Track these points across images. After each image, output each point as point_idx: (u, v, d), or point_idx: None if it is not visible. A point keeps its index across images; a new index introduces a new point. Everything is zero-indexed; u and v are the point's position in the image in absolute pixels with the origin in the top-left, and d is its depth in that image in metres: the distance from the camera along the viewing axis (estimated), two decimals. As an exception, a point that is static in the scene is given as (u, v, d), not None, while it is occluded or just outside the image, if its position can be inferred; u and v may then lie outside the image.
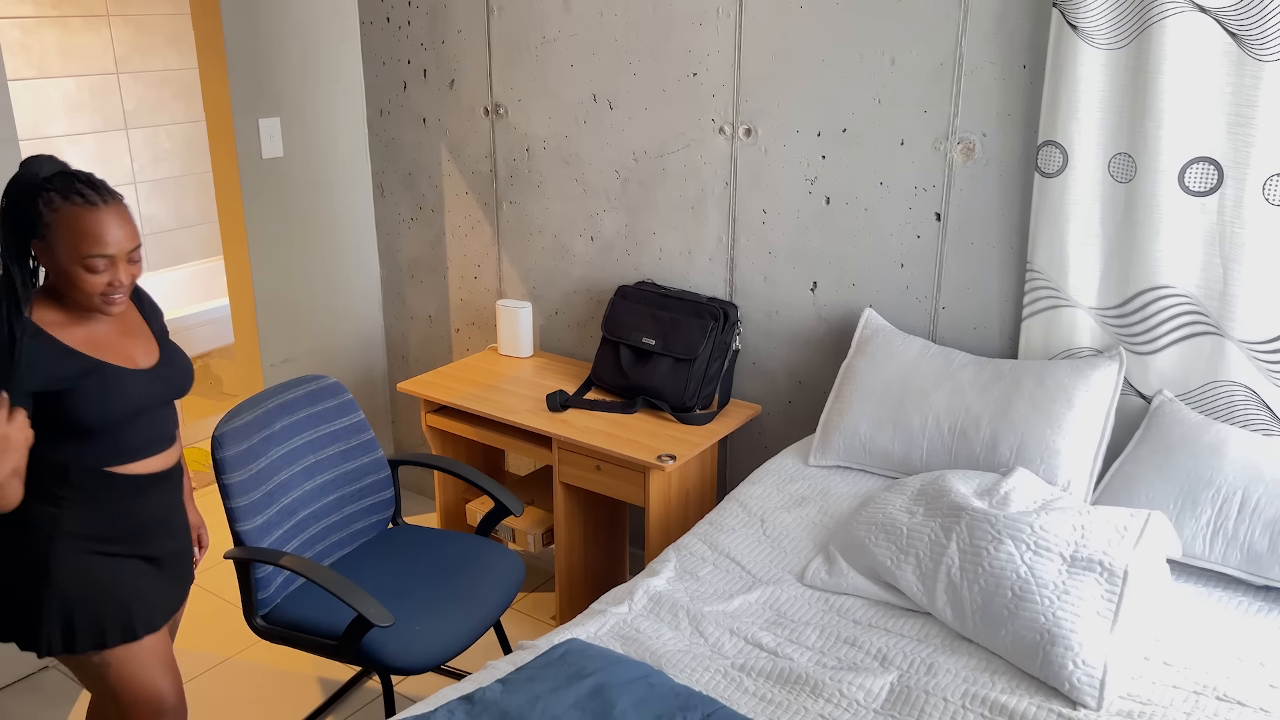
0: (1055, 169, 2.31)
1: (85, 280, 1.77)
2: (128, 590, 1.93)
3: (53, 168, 1.78)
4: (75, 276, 1.77)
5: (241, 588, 2.34)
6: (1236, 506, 2.04)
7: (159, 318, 2.06)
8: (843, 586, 2.07)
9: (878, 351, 2.57)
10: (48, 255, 1.78)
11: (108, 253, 1.77)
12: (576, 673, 1.66)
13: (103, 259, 1.77)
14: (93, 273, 1.77)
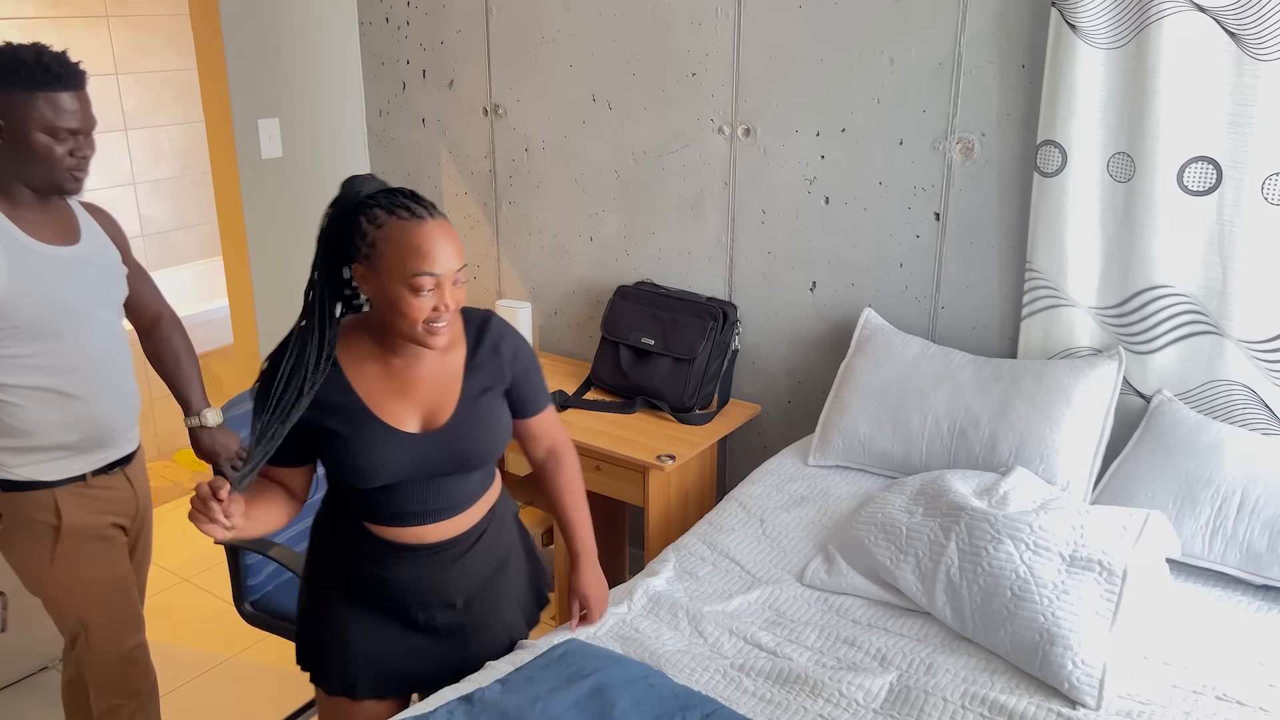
0: (1054, 168, 2.31)
1: (410, 305, 1.57)
2: (364, 646, 1.78)
3: (375, 185, 1.62)
4: (399, 300, 1.57)
5: (231, 574, 2.38)
6: (1236, 506, 2.04)
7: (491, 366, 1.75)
8: (842, 586, 2.07)
9: (877, 351, 2.57)
10: (370, 279, 1.59)
11: (435, 270, 1.56)
12: (576, 673, 1.66)
13: (429, 278, 1.56)
14: (417, 294, 1.57)
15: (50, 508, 1.96)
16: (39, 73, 1.77)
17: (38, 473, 1.93)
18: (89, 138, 1.85)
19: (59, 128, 1.80)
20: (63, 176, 1.84)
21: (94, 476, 2.01)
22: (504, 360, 1.76)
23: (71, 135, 1.82)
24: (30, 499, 1.94)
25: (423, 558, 1.75)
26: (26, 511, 1.94)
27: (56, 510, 1.96)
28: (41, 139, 1.79)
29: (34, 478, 1.93)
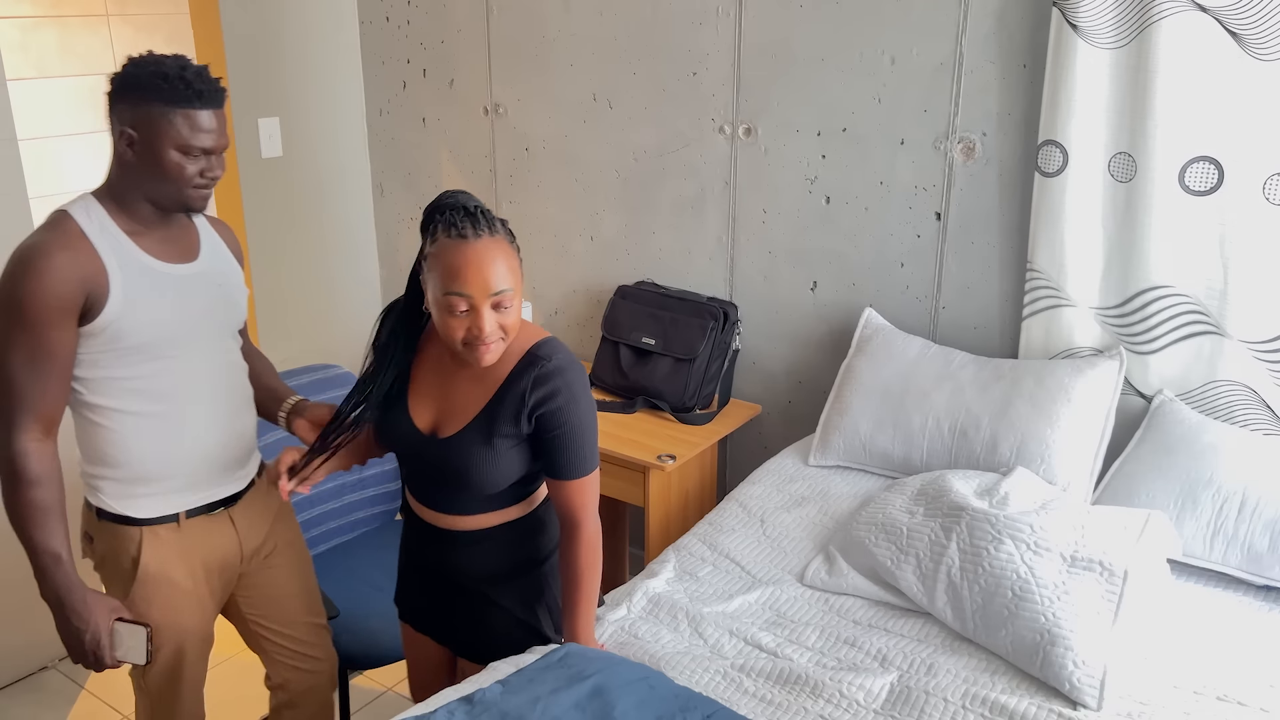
0: (1055, 168, 2.31)
1: (444, 323, 1.60)
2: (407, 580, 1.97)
3: (455, 201, 1.63)
4: (437, 316, 1.61)
5: None
6: (1237, 506, 2.04)
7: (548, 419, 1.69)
8: (843, 587, 2.06)
9: (878, 351, 2.56)
10: (426, 291, 1.65)
11: (465, 292, 1.56)
12: (576, 674, 1.66)
13: (460, 299, 1.57)
14: (451, 313, 1.58)
15: (134, 546, 1.83)
16: (181, 88, 1.67)
17: (127, 507, 1.82)
18: (220, 158, 1.76)
19: (193, 146, 1.70)
20: (189, 196, 1.74)
21: (189, 518, 1.86)
22: (526, 409, 1.68)
23: (205, 155, 1.72)
24: (118, 532, 1.83)
25: (426, 530, 1.85)
26: (112, 544, 1.84)
27: (139, 548, 1.83)
28: (174, 156, 1.69)
29: (123, 512, 1.82)
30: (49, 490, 1.72)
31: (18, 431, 1.68)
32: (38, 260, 1.64)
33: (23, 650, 2.88)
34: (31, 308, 1.63)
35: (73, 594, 1.77)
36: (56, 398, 1.70)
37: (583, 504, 1.75)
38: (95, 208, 1.73)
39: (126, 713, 2.77)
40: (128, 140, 1.69)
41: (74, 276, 1.66)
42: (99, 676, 2.91)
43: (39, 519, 1.72)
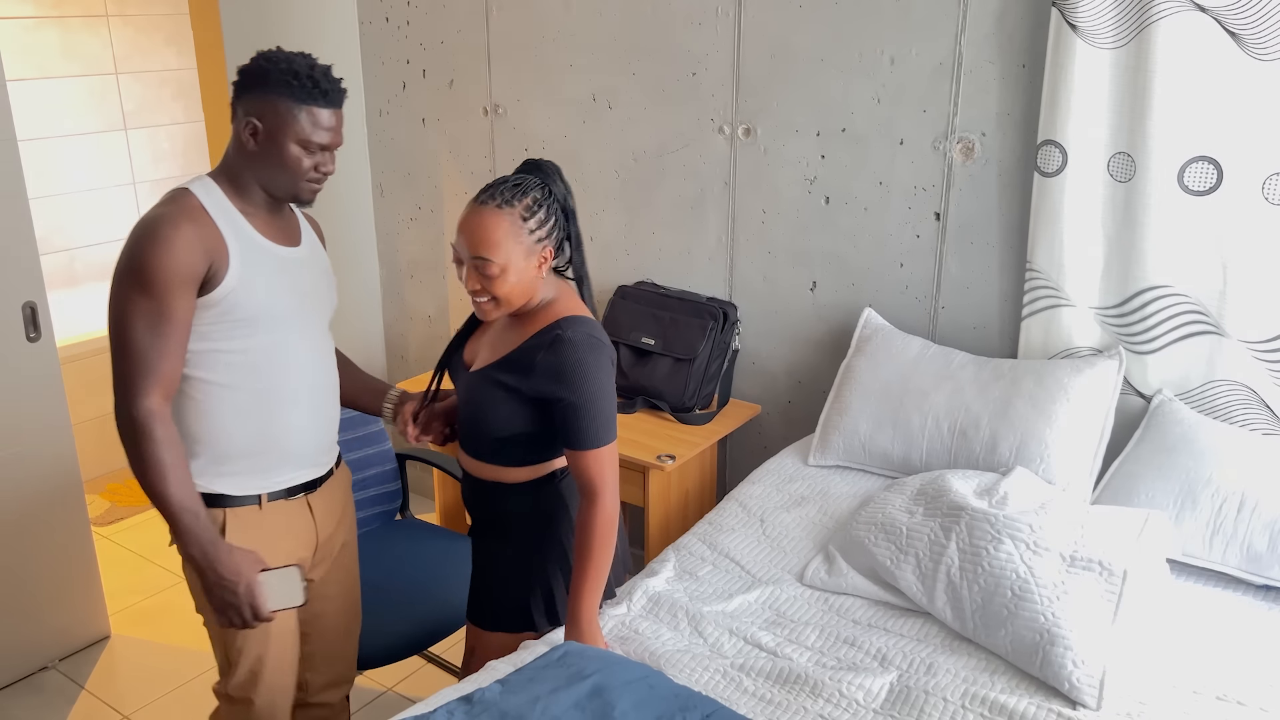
0: (1054, 168, 2.31)
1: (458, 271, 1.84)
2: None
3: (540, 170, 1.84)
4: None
5: None
6: (1236, 506, 2.04)
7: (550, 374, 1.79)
8: (842, 586, 2.06)
9: (877, 351, 2.57)
10: None
11: (455, 245, 1.81)
12: (576, 674, 1.66)
13: (455, 250, 1.82)
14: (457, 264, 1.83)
15: (219, 528, 1.82)
16: (309, 86, 1.75)
17: (213, 484, 1.82)
18: (333, 155, 1.84)
19: (313, 142, 1.78)
20: (301, 188, 1.82)
21: (270, 501, 1.88)
22: (535, 372, 1.80)
23: (321, 150, 1.80)
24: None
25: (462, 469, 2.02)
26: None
27: (222, 533, 1.82)
28: (294, 150, 1.77)
29: (209, 489, 1.82)
30: (177, 450, 1.74)
31: (143, 395, 1.71)
32: (164, 230, 1.69)
33: (23, 650, 2.88)
34: (158, 276, 1.68)
35: (218, 546, 1.76)
36: (176, 364, 1.74)
37: (599, 474, 1.81)
38: (212, 187, 1.80)
39: (126, 713, 2.77)
40: (251, 130, 1.77)
41: (198, 247, 1.71)
42: (99, 676, 2.91)
43: (174, 475, 1.73)
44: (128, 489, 3.99)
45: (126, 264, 1.71)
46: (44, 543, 2.87)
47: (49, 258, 4.32)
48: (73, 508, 2.92)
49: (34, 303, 2.74)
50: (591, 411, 1.78)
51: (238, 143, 1.80)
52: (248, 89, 1.77)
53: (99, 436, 4.04)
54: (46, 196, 4.30)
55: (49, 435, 2.84)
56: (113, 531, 3.69)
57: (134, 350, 1.70)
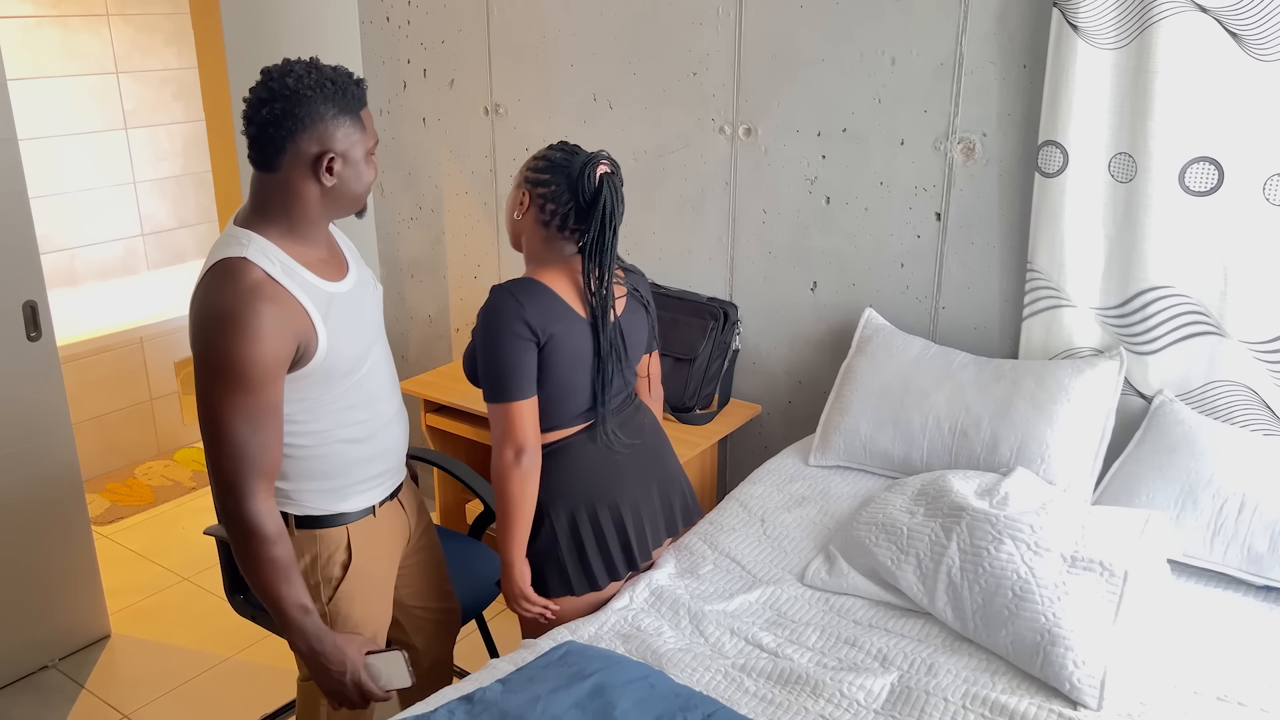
0: (1055, 169, 2.31)
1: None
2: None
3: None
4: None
5: (223, 565, 2.38)
6: (1237, 506, 2.04)
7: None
8: (843, 586, 2.06)
9: (878, 351, 2.57)
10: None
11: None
12: (577, 673, 1.66)
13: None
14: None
15: (344, 546, 1.87)
16: (354, 91, 1.67)
17: (342, 505, 1.85)
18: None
19: (372, 146, 1.72)
20: (365, 199, 1.77)
21: (380, 507, 1.92)
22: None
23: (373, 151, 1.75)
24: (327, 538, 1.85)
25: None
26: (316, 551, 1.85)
27: (349, 547, 1.87)
28: (366, 163, 1.71)
29: (337, 510, 1.84)
30: (286, 546, 1.72)
31: (251, 495, 1.66)
32: (248, 321, 1.59)
33: (23, 650, 2.88)
34: (253, 370, 1.59)
35: (324, 640, 1.77)
36: (278, 451, 1.70)
37: (492, 429, 1.93)
38: (269, 246, 1.68)
39: (127, 712, 2.77)
40: (329, 165, 1.65)
41: (287, 331, 1.63)
42: (99, 676, 2.91)
43: (284, 574, 1.72)
44: (127, 489, 3.99)
45: (213, 361, 1.61)
46: (44, 543, 2.86)
47: (49, 257, 4.33)
48: (73, 508, 2.92)
49: (34, 302, 2.74)
50: (482, 362, 1.91)
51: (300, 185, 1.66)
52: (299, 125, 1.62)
53: (99, 436, 4.04)
54: (46, 196, 4.30)
55: (49, 435, 2.84)
56: (113, 531, 3.69)
57: (237, 451, 1.64)
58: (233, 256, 1.64)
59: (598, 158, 1.92)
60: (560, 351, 1.91)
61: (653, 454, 2.13)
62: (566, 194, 1.92)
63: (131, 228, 4.67)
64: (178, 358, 4.27)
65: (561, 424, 1.99)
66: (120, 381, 4.09)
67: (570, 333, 1.92)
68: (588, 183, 1.91)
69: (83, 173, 4.44)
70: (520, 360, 1.87)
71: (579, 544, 2.02)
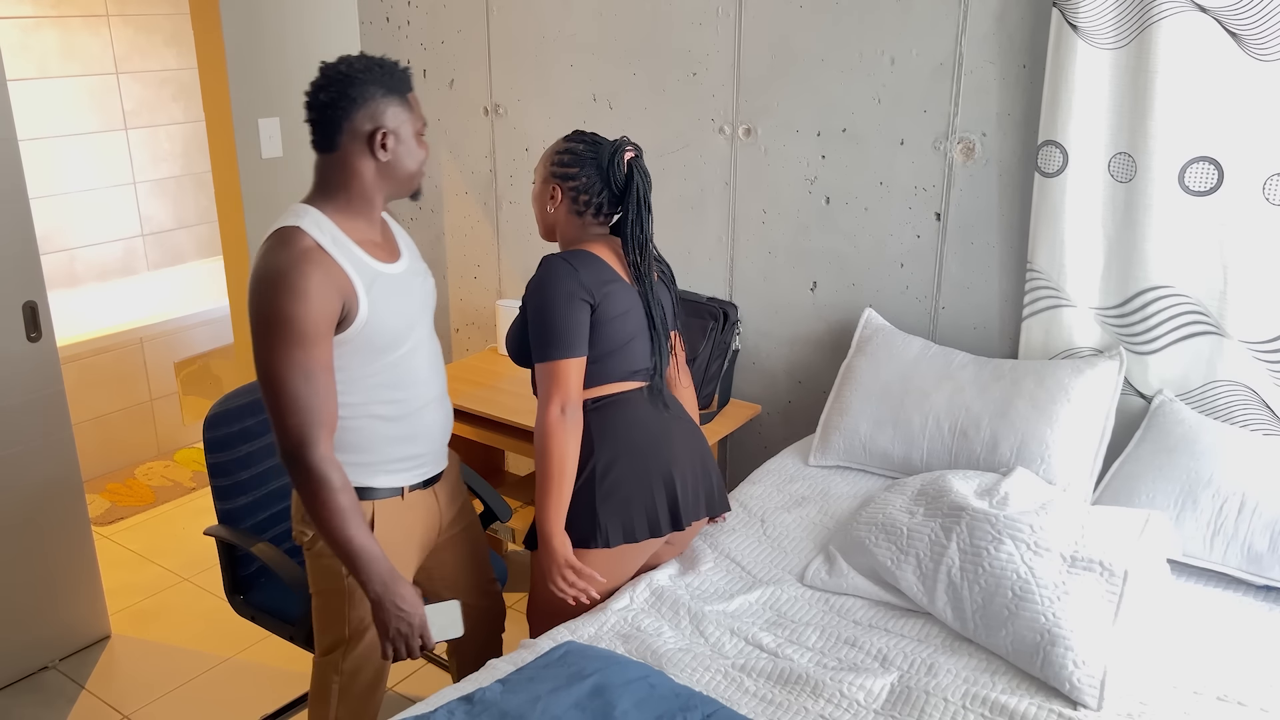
0: (1055, 169, 2.31)
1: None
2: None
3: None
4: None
5: (223, 565, 2.39)
6: (1237, 506, 2.04)
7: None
8: (843, 587, 2.06)
9: (878, 351, 2.57)
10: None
11: None
12: (577, 673, 1.66)
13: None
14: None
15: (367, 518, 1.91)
16: (401, 76, 1.81)
17: (365, 479, 1.91)
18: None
19: (421, 127, 1.85)
20: (419, 180, 1.89)
21: (410, 491, 1.98)
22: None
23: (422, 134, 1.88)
24: None
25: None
26: None
27: (371, 524, 1.91)
28: (416, 142, 1.84)
29: (362, 483, 1.91)
30: (351, 493, 1.80)
31: (316, 444, 1.75)
32: (298, 281, 1.70)
33: (23, 650, 2.88)
34: (304, 327, 1.71)
35: (398, 582, 1.83)
36: (333, 405, 1.78)
37: (539, 387, 1.96)
38: (323, 220, 1.80)
39: (127, 713, 2.77)
40: (383, 140, 1.79)
41: (332, 292, 1.74)
42: (99, 676, 2.91)
43: (355, 519, 1.79)
44: (127, 489, 3.99)
45: (267, 319, 1.72)
46: (44, 543, 2.86)
47: (49, 258, 4.33)
48: (73, 508, 2.92)
49: (34, 303, 2.74)
50: (535, 324, 1.95)
51: (356, 161, 1.80)
52: (353, 104, 1.77)
53: (99, 436, 4.04)
54: (46, 196, 4.30)
55: (49, 435, 2.84)
56: (113, 531, 3.69)
57: (296, 403, 1.73)
58: (288, 226, 1.77)
59: (622, 145, 2.01)
60: (614, 309, 1.97)
61: (695, 431, 2.15)
62: (599, 183, 2.00)
63: (131, 228, 4.67)
64: (178, 358, 4.27)
65: (616, 377, 2.03)
66: (120, 382, 4.09)
67: (621, 294, 1.99)
68: (618, 170, 2.00)
69: (83, 173, 4.44)
70: (575, 319, 1.93)
71: (624, 493, 2.00)
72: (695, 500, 2.09)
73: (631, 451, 2.02)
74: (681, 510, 2.04)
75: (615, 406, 2.03)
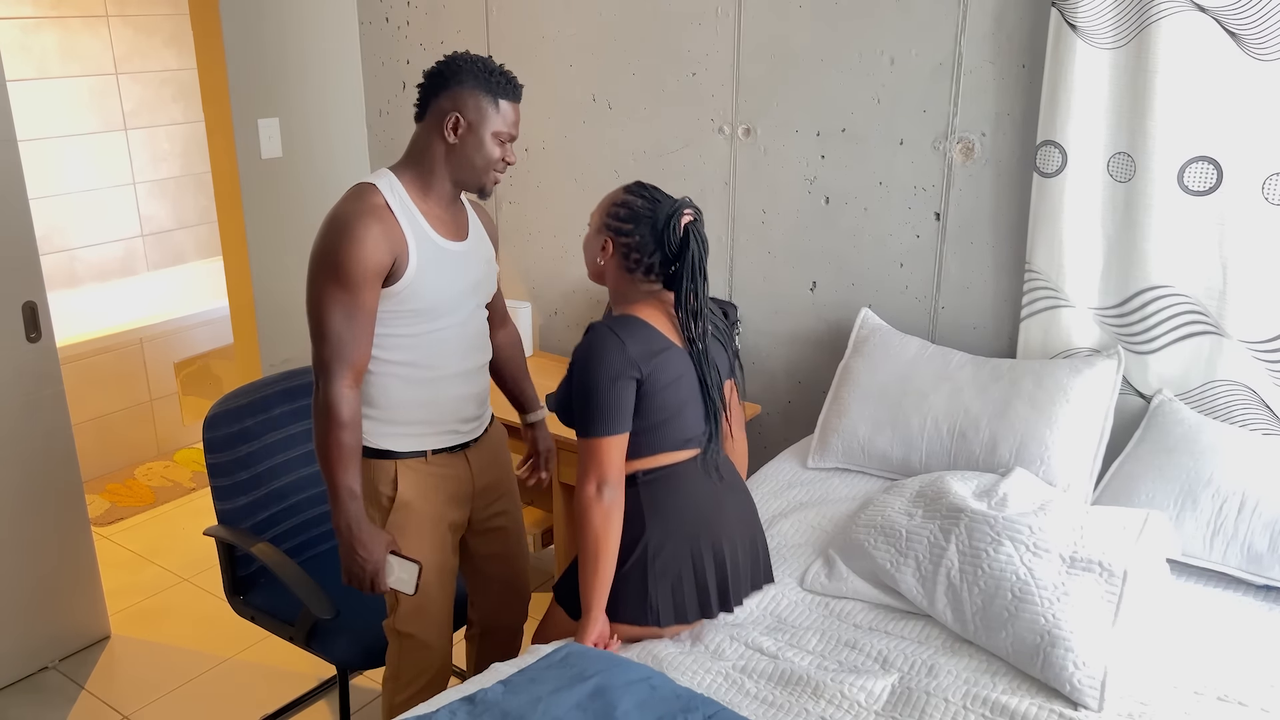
0: (1054, 169, 2.31)
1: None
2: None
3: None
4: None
5: (222, 566, 2.39)
6: (1236, 506, 2.04)
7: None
8: (842, 590, 2.06)
9: (875, 352, 2.56)
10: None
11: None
12: (578, 674, 1.67)
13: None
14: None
15: (390, 478, 2.04)
16: (502, 82, 1.93)
17: (386, 442, 2.03)
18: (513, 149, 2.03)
19: (504, 133, 1.95)
20: (488, 179, 1.98)
21: (434, 455, 2.08)
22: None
23: (509, 143, 1.97)
24: (377, 467, 2.04)
25: None
26: (372, 479, 2.04)
27: (395, 481, 2.04)
28: (490, 141, 1.94)
29: (383, 446, 2.03)
30: (355, 433, 1.93)
31: (336, 379, 1.89)
32: (356, 228, 1.86)
33: (23, 650, 2.88)
34: (353, 270, 1.85)
35: (361, 526, 1.95)
36: (365, 350, 1.92)
37: (579, 461, 1.90)
38: (397, 184, 1.95)
39: (127, 713, 2.78)
40: (454, 123, 1.92)
41: (385, 245, 1.88)
42: (99, 676, 2.91)
43: (345, 458, 1.92)
44: (127, 489, 3.99)
45: (322, 257, 1.87)
46: (44, 543, 2.87)
47: (49, 258, 4.33)
48: (73, 508, 2.92)
49: (34, 303, 2.74)
50: (579, 397, 1.88)
51: (432, 137, 1.94)
52: (444, 85, 1.92)
53: (99, 436, 4.04)
54: (46, 196, 4.30)
55: (49, 435, 2.84)
56: (113, 531, 3.69)
57: (331, 337, 1.88)
58: (366, 182, 1.95)
59: (681, 207, 1.91)
60: (664, 377, 1.88)
61: (746, 500, 2.07)
62: (652, 244, 1.90)
63: (131, 228, 4.67)
64: (178, 358, 4.27)
65: (668, 447, 1.94)
66: (120, 382, 4.09)
67: (672, 361, 1.89)
68: (673, 235, 1.90)
69: (82, 173, 4.44)
70: (619, 396, 1.85)
71: (676, 572, 1.92)
72: (745, 578, 2.01)
73: (684, 531, 1.93)
74: (731, 590, 1.98)
75: (667, 480, 1.94)
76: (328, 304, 1.88)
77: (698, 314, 1.92)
